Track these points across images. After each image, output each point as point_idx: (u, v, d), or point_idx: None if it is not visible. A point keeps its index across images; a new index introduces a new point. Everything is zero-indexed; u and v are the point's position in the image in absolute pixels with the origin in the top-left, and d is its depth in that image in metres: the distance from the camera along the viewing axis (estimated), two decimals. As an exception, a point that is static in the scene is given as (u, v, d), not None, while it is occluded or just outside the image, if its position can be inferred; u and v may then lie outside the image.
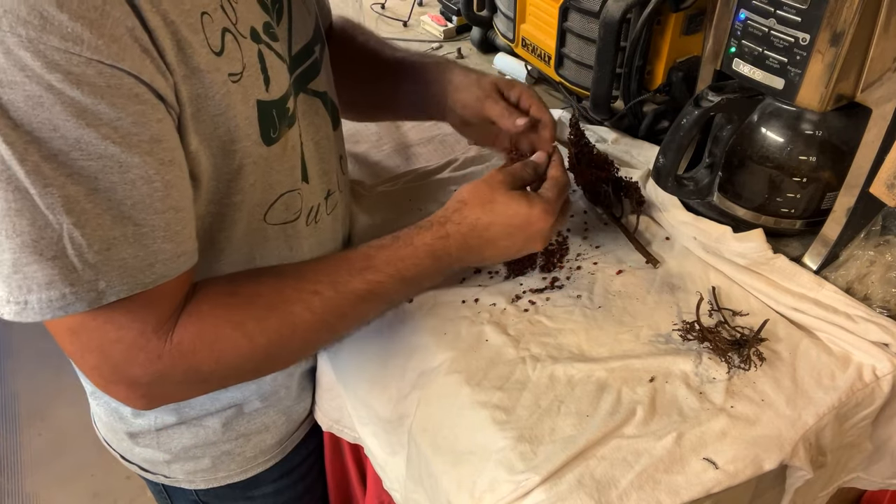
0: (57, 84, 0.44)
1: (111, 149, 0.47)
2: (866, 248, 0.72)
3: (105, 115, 0.46)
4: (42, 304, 0.48)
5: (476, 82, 0.79)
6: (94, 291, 0.49)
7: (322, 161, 0.70)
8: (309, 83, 0.68)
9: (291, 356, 0.64)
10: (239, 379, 0.64)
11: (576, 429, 0.60)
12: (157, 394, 0.58)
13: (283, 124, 0.61)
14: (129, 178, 0.48)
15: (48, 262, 0.47)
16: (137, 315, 0.53)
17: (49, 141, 0.45)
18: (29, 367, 2.19)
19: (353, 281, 0.63)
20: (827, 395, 0.62)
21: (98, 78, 0.45)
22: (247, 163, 0.59)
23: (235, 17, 0.55)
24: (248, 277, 0.63)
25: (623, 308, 0.72)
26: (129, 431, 0.77)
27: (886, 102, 0.63)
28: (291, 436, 0.84)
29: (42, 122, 0.44)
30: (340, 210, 0.76)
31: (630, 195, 0.81)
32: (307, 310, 0.60)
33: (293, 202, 0.66)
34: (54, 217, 0.46)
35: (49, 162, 0.45)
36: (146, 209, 0.50)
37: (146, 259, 0.51)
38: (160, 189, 0.50)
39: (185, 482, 0.81)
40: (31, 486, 1.89)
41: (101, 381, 0.56)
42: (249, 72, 0.56)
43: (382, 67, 0.86)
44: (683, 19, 0.86)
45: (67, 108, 0.44)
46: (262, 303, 0.60)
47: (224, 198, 0.60)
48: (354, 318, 0.65)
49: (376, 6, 1.45)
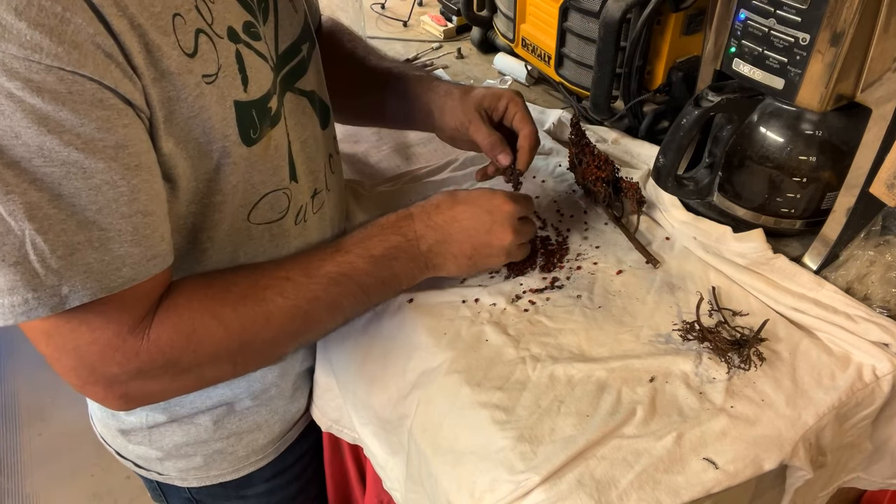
0: (17, 92, 0.44)
1: (74, 155, 0.47)
2: (866, 248, 0.72)
3: (67, 121, 0.46)
4: (4, 310, 0.48)
5: (460, 105, 0.78)
6: (56, 296, 0.49)
7: (309, 160, 0.70)
8: (296, 82, 0.68)
9: (266, 346, 0.63)
10: (216, 370, 0.62)
11: (576, 429, 0.60)
12: (134, 393, 0.58)
13: (265, 124, 0.61)
14: (93, 184, 0.48)
15: (10, 268, 0.47)
16: (111, 317, 0.53)
17: (11, 148, 0.45)
18: (29, 367, 2.19)
19: (324, 264, 0.64)
20: (827, 395, 0.62)
21: (59, 85, 0.45)
22: (226, 163, 0.59)
23: (212, 17, 0.55)
24: (225, 271, 0.64)
25: (623, 308, 0.72)
26: (121, 429, 0.78)
27: (886, 102, 0.63)
28: (285, 436, 0.84)
29: (3, 130, 0.45)
30: (328, 209, 0.76)
31: (630, 195, 0.81)
32: (279, 294, 0.61)
33: (279, 202, 0.66)
34: (16, 223, 0.47)
35: (11, 168, 0.45)
36: (112, 214, 0.50)
37: (112, 263, 0.51)
38: (126, 193, 0.50)
39: (178, 480, 0.81)
40: (31, 486, 1.89)
41: (77, 383, 0.56)
42: (225, 72, 0.56)
43: (368, 77, 0.86)
44: (683, 19, 0.86)
45: (28, 115, 0.45)
46: (236, 290, 0.61)
47: (204, 198, 0.60)
48: (328, 302, 0.64)
49: (376, 6, 1.45)
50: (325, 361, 0.79)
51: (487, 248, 0.70)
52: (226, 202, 0.61)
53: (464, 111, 0.78)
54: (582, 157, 0.85)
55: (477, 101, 0.78)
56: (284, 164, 0.65)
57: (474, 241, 0.69)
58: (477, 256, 0.70)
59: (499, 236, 0.69)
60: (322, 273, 0.64)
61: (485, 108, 0.78)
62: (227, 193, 0.61)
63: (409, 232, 0.69)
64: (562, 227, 0.83)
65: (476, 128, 0.77)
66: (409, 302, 0.74)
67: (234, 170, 0.60)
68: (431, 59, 1.27)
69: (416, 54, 1.28)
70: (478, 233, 0.69)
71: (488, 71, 1.22)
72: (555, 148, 0.97)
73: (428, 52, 1.29)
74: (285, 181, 0.66)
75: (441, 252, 0.69)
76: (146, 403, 0.62)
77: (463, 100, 0.79)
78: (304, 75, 0.70)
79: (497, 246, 0.70)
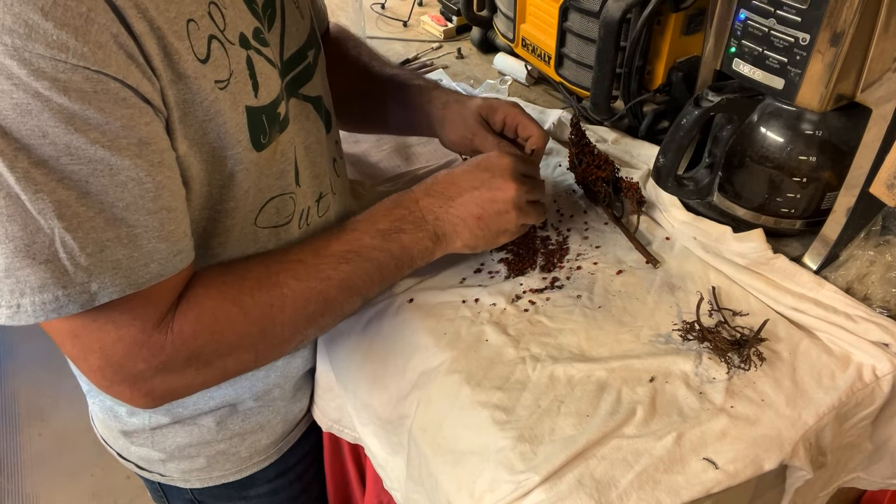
0: (44, 91, 0.44)
1: (100, 152, 0.47)
2: (866, 248, 0.72)
3: (93, 119, 0.46)
4: (35, 307, 0.49)
5: (460, 118, 0.78)
6: (86, 293, 0.49)
7: (313, 165, 0.70)
8: (300, 88, 0.69)
9: (286, 330, 0.63)
10: (238, 360, 0.62)
11: (576, 429, 0.60)
12: (159, 389, 0.58)
13: (274, 129, 0.62)
14: (119, 181, 0.49)
15: (40, 266, 0.48)
16: (137, 313, 0.54)
17: (38, 147, 0.45)
18: (29, 367, 2.19)
19: (332, 243, 0.65)
20: (827, 395, 0.62)
21: (85, 84, 0.45)
22: (238, 169, 0.59)
23: (224, 23, 0.55)
24: (238, 260, 0.65)
25: (623, 308, 0.72)
26: (123, 430, 0.78)
27: (886, 102, 0.63)
28: (287, 436, 0.84)
29: (31, 130, 0.45)
30: (333, 213, 0.76)
31: (630, 195, 0.81)
32: (292, 277, 0.62)
33: (285, 206, 0.66)
34: (45, 221, 0.47)
35: (39, 168, 0.46)
36: (138, 210, 0.50)
37: (141, 259, 0.51)
38: (151, 190, 0.51)
39: (180, 481, 0.81)
40: (31, 486, 1.89)
41: (103, 382, 0.56)
42: (237, 78, 0.56)
43: (372, 84, 0.86)
44: (683, 19, 0.86)
45: (56, 114, 0.45)
46: (252, 277, 0.61)
47: (217, 203, 0.61)
48: (340, 280, 0.64)
49: (376, 6, 1.45)
50: (326, 361, 0.79)
51: (492, 203, 0.68)
52: (238, 208, 0.62)
53: (465, 125, 0.78)
54: (582, 157, 0.85)
55: (476, 113, 0.79)
56: (290, 169, 0.66)
57: (477, 198, 0.68)
58: (486, 216, 0.69)
59: (501, 188, 0.68)
60: (331, 252, 0.64)
61: (484, 118, 0.79)
62: (238, 199, 0.61)
63: (411, 203, 0.68)
64: (562, 227, 0.83)
65: (482, 138, 0.77)
66: (410, 302, 0.74)
67: (246, 176, 0.60)
68: (431, 59, 1.27)
69: (416, 54, 1.28)
70: (479, 190, 0.68)
71: (488, 71, 1.22)
72: (555, 148, 0.97)
73: (428, 52, 1.29)
74: (291, 185, 0.66)
75: (448, 219, 0.68)
76: (170, 400, 0.62)
77: (461, 113, 0.79)
78: (310, 81, 0.70)
79: (502, 199, 0.68)
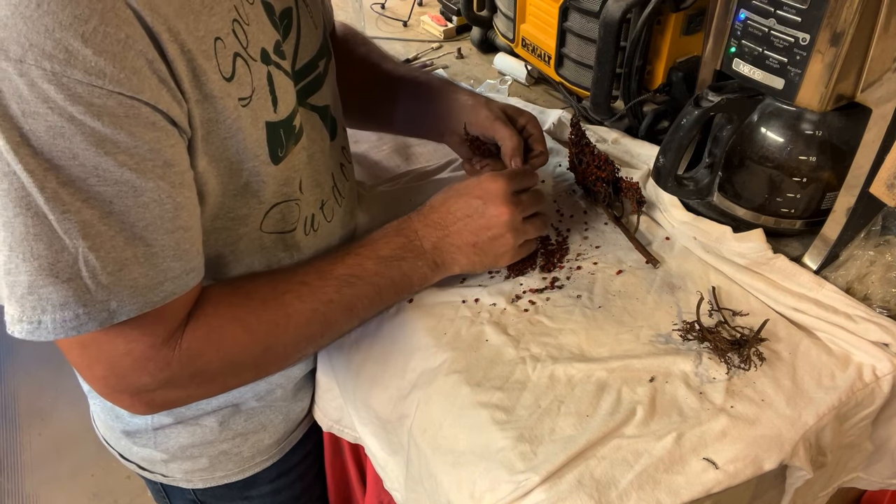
0: (78, 115, 0.45)
1: (127, 175, 0.48)
2: (866, 248, 0.72)
3: (123, 143, 0.47)
4: (56, 325, 0.49)
5: (485, 104, 0.80)
6: (105, 311, 0.50)
7: (315, 173, 0.71)
8: (309, 97, 0.69)
9: (287, 349, 0.65)
10: (239, 377, 0.64)
11: (576, 429, 0.60)
12: (160, 400, 0.59)
13: (290, 142, 0.63)
14: (142, 202, 0.50)
15: (63, 285, 0.48)
16: (148, 329, 0.54)
17: (68, 168, 0.46)
18: (29, 367, 2.19)
19: (336, 267, 0.66)
20: (827, 395, 0.62)
21: (118, 108, 0.46)
22: (254, 181, 0.60)
23: (247, 40, 0.56)
24: (247, 277, 0.66)
25: (623, 308, 0.72)
26: (125, 430, 0.78)
27: (886, 102, 0.63)
28: (289, 436, 0.84)
29: (62, 151, 0.46)
30: (339, 216, 0.77)
31: (630, 195, 0.81)
32: (297, 298, 0.63)
33: (290, 212, 0.67)
34: (70, 241, 0.48)
35: (67, 188, 0.46)
36: (157, 230, 0.51)
37: (156, 278, 0.52)
38: (171, 210, 0.52)
39: (182, 481, 0.81)
40: (31, 486, 1.89)
41: (105, 391, 0.57)
42: (258, 94, 0.57)
43: (381, 82, 0.86)
44: (683, 19, 0.86)
45: (88, 137, 0.46)
46: (258, 296, 0.62)
47: (230, 212, 0.61)
48: (342, 303, 0.65)
49: (376, 6, 1.45)
50: (326, 361, 0.79)
51: (486, 230, 0.70)
52: (251, 215, 0.63)
53: (489, 108, 0.79)
54: (582, 157, 0.85)
55: (501, 106, 0.80)
56: (296, 176, 0.66)
57: (471, 227, 0.70)
58: (480, 243, 0.70)
59: (494, 214, 0.69)
60: (335, 275, 0.65)
61: (508, 115, 0.80)
62: (252, 207, 0.62)
63: (411, 233, 0.70)
64: (562, 227, 0.83)
65: (501, 125, 0.78)
66: (409, 302, 0.74)
67: (261, 187, 0.61)
68: (431, 59, 1.27)
69: (416, 54, 1.28)
70: (472, 217, 0.69)
71: (488, 71, 1.22)
72: (555, 148, 0.97)
73: (428, 52, 1.29)
74: (296, 192, 0.67)
75: (445, 248, 0.70)
76: (169, 409, 0.64)
77: (488, 102, 0.80)
78: (319, 90, 0.71)
79: (496, 225, 0.69)
